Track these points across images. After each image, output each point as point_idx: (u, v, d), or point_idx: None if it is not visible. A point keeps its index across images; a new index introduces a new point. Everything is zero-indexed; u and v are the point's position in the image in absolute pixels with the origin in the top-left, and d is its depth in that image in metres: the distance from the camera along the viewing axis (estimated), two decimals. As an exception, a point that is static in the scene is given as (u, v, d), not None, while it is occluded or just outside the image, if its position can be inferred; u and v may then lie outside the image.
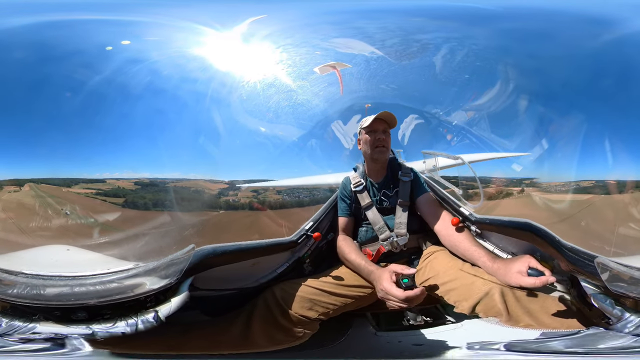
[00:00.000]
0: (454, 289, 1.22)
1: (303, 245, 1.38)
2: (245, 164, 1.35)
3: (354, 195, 1.45)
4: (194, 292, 1.14)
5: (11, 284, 1.02)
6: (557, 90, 1.17)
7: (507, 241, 1.31)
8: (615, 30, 1.16)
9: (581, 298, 1.13)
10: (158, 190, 1.15)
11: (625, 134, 1.08)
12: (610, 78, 1.14)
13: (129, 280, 1.05)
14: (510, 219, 1.25)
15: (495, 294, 1.13)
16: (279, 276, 1.33)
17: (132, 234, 1.12)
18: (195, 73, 1.30)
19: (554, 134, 1.14)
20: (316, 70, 1.27)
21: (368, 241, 1.46)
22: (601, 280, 1.05)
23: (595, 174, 1.13)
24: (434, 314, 1.39)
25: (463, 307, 1.18)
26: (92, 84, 1.17)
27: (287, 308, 1.23)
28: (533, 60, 1.20)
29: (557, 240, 1.12)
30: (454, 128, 1.27)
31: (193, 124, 1.25)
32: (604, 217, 1.14)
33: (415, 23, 1.23)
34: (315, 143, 1.43)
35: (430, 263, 1.35)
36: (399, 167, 1.44)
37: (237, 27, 1.33)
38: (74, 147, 1.12)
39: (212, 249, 1.16)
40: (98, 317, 1.06)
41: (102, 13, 1.35)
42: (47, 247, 1.06)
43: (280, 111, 1.37)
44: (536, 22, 1.25)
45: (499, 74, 1.22)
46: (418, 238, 1.44)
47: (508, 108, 1.20)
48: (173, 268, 1.08)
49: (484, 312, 1.14)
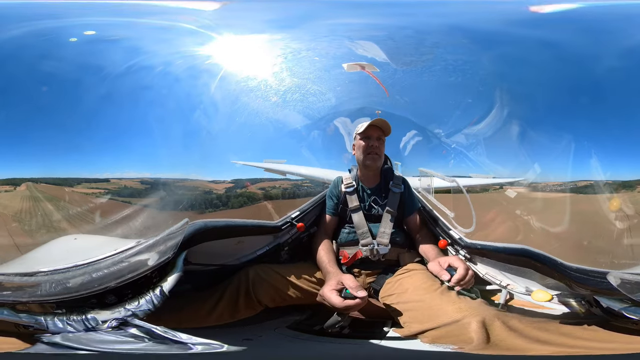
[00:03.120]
0: (413, 310, 1.17)
1: (286, 232, 1.40)
2: (241, 142, 1.34)
3: (343, 196, 1.45)
4: (186, 267, 1.18)
5: (35, 285, 1.03)
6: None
7: (500, 267, 1.30)
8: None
9: (611, 315, 1.10)
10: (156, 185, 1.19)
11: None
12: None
13: (135, 257, 1.10)
14: (505, 245, 1.25)
15: (472, 323, 1.03)
16: (257, 258, 1.36)
17: (131, 211, 1.16)
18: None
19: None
20: (344, 66, 1.30)
21: (348, 243, 1.44)
22: (623, 294, 1.04)
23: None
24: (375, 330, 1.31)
25: (410, 329, 1.12)
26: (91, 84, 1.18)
27: (252, 290, 1.26)
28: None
29: (560, 263, 1.11)
30: (455, 150, 1.34)
31: (188, 98, 1.28)
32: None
33: (451, 42, 1.30)
34: (317, 135, 1.45)
35: (402, 280, 1.33)
36: (392, 177, 1.46)
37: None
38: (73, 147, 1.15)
39: (204, 224, 1.23)
40: (125, 298, 1.10)
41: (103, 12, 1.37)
42: (55, 241, 1.08)
43: (289, 97, 1.38)
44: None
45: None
46: (399, 252, 1.42)
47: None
48: (170, 242, 1.13)
49: (437, 339, 1.06)
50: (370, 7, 1.42)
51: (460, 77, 1.29)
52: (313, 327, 1.23)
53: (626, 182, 1.14)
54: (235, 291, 1.25)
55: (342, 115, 1.43)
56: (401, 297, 1.24)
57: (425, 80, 1.33)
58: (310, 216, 1.44)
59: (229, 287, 1.26)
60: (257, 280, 1.27)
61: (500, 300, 1.28)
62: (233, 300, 1.24)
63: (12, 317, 0.99)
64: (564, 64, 1.28)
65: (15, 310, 1.00)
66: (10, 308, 1.00)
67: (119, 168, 1.15)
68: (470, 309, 1.07)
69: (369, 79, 1.34)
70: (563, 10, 1.32)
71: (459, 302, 1.11)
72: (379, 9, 1.41)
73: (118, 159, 1.17)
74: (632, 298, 1.04)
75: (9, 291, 1.00)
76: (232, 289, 1.26)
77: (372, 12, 1.41)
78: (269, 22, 1.39)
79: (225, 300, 1.24)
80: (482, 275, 1.31)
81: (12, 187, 1.08)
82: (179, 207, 1.21)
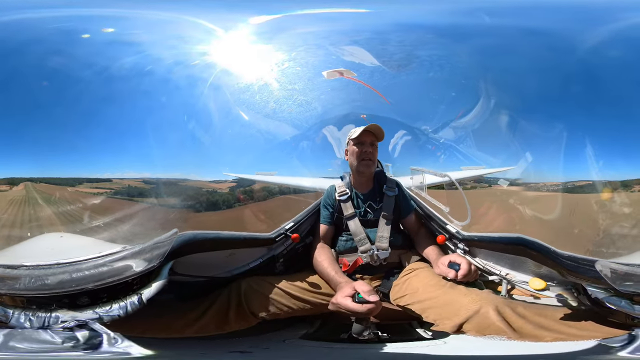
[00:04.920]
0: (433, 307, 1.19)
1: (280, 244, 1.37)
2: (233, 154, 1.36)
3: (337, 204, 1.44)
4: (172, 277, 1.16)
5: (16, 278, 1.04)
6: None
7: (497, 257, 1.30)
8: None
9: (595, 304, 1.12)
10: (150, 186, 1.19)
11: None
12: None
13: (119, 262, 1.08)
14: (501, 235, 1.25)
15: (489, 311, 1.09)
16: (250, 270, 1.32)
17: (121, 215, 1.15)
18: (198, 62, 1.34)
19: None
20: (324, 74, 1.32)
21: (347, 251, 1.43)
22: (608, 283, 1.05)
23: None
24: (406, 331, 1.32)
25: (445, 325, 1.13)
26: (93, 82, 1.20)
27: (244, 302, 1.22)
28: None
29: (553, 251, 1.13)
30: (444, 145, 1.32)
31: (184, 108, 1.27)
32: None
33: (418, 39, 1.31)
34: (306, 145, 1.45)
35: (410, 280, 1.32)
36: (385, 181, 1.45)
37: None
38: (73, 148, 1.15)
39: (193, 235, 1.20)
40: (98, 301, 1.09)
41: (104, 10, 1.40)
42: (42, 236, 1.08)
43: (278, 108, 1.40)
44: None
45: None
46: (400, 254, 1.42)
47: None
48: (157, 251, 1.11)
49: (476, 331, 1.09)
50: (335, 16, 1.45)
51: (439, 71, 1.29)
52: (329, 336, 1.23)
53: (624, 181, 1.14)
54: (226, 303, 1.22)
55: (329, 122, 1.44)
56: (415, 297, 1.25)
57: (405, 79, 1.34)
58: (305, 226, 1.42)
59: (218, 298, 1.23)
60: (250, 292, 1.23)
61: (502, 290, 1.31)
62: (222, 312, 1.20)
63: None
64: (549, 52, 1.27)
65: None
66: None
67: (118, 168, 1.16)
68: (483, 299, 1.13)
69: (352, 85, 1.36)
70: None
71: (470, 294, 1.16)
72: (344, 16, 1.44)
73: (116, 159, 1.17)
74: (615, 287, 1.06)
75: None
76: (222, 301, 1.22)
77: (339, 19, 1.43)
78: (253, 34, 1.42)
79: (214, 311, 1.20)
80: (482, 266, 1.31)
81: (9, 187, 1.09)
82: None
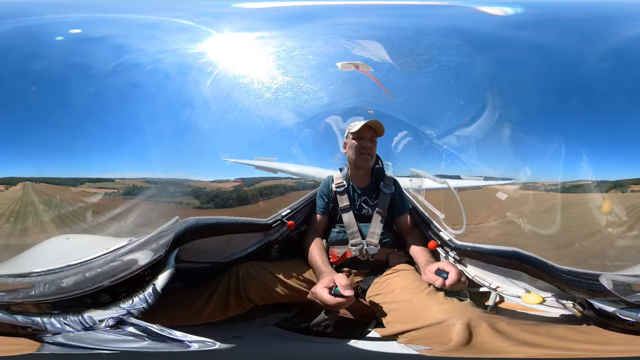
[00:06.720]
0: (400, 310, 1.16)
1: (276, 230, 1.41)
2: (232, 139, 1.34)
3: (333, 195, 1.46)
4: (178, 264, 1.18)
5: (29, 286, 1.04)
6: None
7: (490, 269, 1.27)
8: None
9: (605, 317, 1.08)
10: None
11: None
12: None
13: (127, 255, 1.10)
14: (495, 248, 1.22)
15: (456, 324, 1.00)
16: (248, 255, 1.36)
17: (124, 209, 1.16)
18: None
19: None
20: (338, 65, 1.28)
21: (337, 243, 1.45)
22: (617, 296, 1.03)
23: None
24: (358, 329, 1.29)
25: (391, 329, 1.11)
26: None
27: (242, 287, 1.27)
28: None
29: (551, 266, 1.10)
30: (448, 151, 1.34)
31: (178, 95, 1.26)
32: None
33: (444, 43, 1.28)
34: (309, 133, 1.44)
35: (390, 280, 1.32)
36: (383, 178, 1.46)
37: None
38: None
39: (195, 221, 1.23)
40: (119, 297, 1.11)
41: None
42: (48, 241, 1.07)
43: (281, 95, 1.36)
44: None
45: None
46: (388, 253, 1.43)
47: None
48: (162, 240, 1.13)
49: (415, 340, 1.05)
50: (368, 8, 1.39)
51: (454, 78, 1.27)
52: (299, 324, 1.26)
53: (617, 181, 1.12)
54: (226, 289, 1.27)
55: (335, 114, 1.42)
56: (387, 297, 1.24)
57: (419, 81, 1.32)
58: (300, 214, 1.45)
59: (219, 285, 1.27)
60: (247, 277, 1.28)
61: (490, 302, 1.26)
62: (224, 298, 1.26)
63: (8, 317, 1.00)
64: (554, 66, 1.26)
65: (9, 312, 1.01)
66: (4, 309, 1.01)
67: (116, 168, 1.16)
68: (456, 311, 1.05)
69: (365, 79, 1.33)
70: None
71: (446, 304, 1.09)
72: (377, 10, 1.38)
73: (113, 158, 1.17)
74: (626, 300, 1.03)
75: (3, 292, 1.00)
76: (223, 287, 1.27)
77: (371, 12, 1.37)
78: (266, 20, 1.36)
79: (216, 297, 1.25)
80: (472, 277, 1.30)
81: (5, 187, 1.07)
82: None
